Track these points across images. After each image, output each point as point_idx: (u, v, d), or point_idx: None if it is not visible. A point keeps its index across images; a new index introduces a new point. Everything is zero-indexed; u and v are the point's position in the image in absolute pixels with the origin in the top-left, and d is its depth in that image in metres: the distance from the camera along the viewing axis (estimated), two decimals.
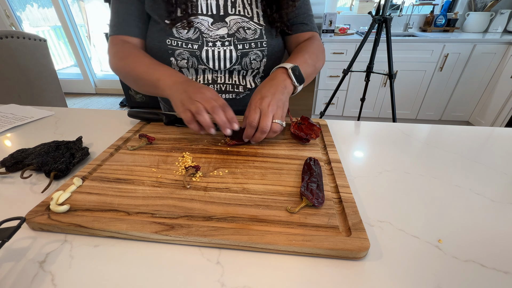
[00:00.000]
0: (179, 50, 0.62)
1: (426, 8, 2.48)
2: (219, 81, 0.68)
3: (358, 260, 0.30)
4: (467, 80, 2.14)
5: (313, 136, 0.51)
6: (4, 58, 1.27)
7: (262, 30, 0.63)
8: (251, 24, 0.62)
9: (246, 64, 0.66)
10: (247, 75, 0.69)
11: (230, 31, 0.62)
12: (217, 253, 0.31)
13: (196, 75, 0.67)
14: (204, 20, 0.61)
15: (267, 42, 0.64)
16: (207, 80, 0.67)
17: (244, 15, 0.62)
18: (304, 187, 0.37)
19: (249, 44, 0.63)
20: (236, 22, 0.62)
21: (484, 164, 0.48)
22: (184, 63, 0.64)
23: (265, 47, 0.65)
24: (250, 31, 0.63)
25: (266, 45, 0.65)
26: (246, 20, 0.62)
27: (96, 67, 3.42)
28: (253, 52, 0.64)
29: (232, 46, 0.63)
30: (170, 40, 0.61)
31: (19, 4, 3.13)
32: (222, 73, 0.67)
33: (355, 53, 1.62)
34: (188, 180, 0.40)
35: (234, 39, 0.62)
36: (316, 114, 2.47)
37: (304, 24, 0.68)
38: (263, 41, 0.64)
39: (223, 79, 0.68)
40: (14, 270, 0.29)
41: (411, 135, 0.58)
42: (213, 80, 0.68)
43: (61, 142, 0.50)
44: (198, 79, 0.67)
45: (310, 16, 0.69)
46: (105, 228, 0.32)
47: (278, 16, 0.62)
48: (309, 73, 0.59)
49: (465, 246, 0.31)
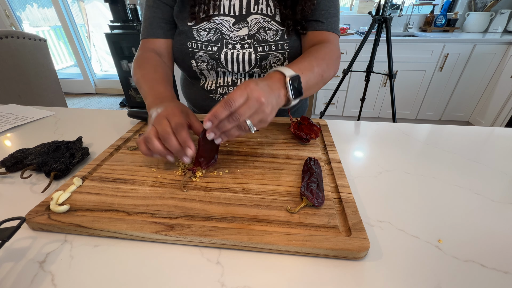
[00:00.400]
0: (199, 53, 0.61)
1: (426, 8, 2.48)
2: (239, 83, 0.67)
3: (358, 260, 0.30)
4: (467, 80, 2.14)
5: (313, 136, 0.51)
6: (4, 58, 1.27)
7: (284, 32, 0.60)
8: (272, 24, 0.60)
9: (266, 67, 0.63)
10: None
11: (251, 31, 0.60)
12: (217, 253, 0.31)
13: (216, 77, 0.67)
14: (225, 21, 0.60)
15: (289, 44, 0.61)
16: (227, 82, 0.67)
17: (266, 14, 0.60)
18: (304, 187, 0.37)
19: (269, 46, 0.61)
20: (257, 21, 0.60)
21: (484, 164, 0.48)
22: (204, 66, 0.63)
23: (287, 50, 0.61)
24: (270, 32, 0.60)
25: (288, 47, 0.61)
26: (268, 19, 0.60)
27: (96, 67, 3.42)
28: (273, 55, 0.61)
29: (251, 48, 0.61)
30: (191, 42, 0.61)
31: (19, 4, 3.13)
32: (242, 76, 0.66)
33: (355, 53, 1.62)
34: (185, 184, 0.40)
35: (254, 40, 0.61)
36: (316, 114, 2.47)
37: (319, 22, 0.59)
38: (284, 43, 0.60)
39: (243, 81, 0.66)
40: (14, 270, 0.29)
41: (411, 135, 0.58)
42: (233, 82, 0.67)
43: (61, 142, 0.50)
44: (219, 81, 0.67)
45: (330, 15, 0.59)
46: (105, 228, 0.32)
47: (291, 13, 0.58)
48: (313, 84, 0.50)
49: (465, 246, 0.31)
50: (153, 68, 0.58)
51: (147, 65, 0.58)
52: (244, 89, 0.37)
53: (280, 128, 0.58)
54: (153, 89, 0.53)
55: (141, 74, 0.56)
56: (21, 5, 3.17)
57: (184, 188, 0.39)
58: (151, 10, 0.62)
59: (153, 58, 0.60)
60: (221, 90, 0.67)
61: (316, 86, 0.52)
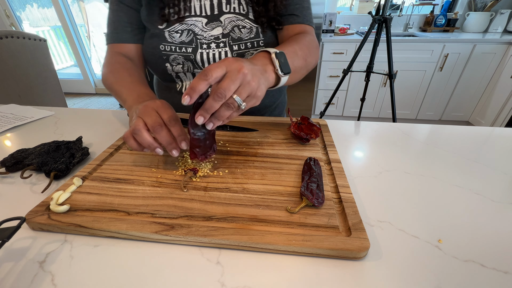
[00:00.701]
0: (174, 55, 0.60)
1: (426, 8, 2.48)
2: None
3: (358, 260, 0.30)
4: (467, 80, 2.14)
5: (313, 136, 0.51)
6: (4, 58, 1.27)
7: (258, 29, 0.60)
8: (246, 22, 0.60)
9: None
10: None
11: (225, 30, 0.60)
12: (217, 253, 0.31)
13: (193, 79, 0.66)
14: (198, 21, 0.59)
15: (264, 41, 0.61)
16: None
17: (239, 13, 0.60)
18: (304, 187, 0.37)
19: (245, 44, 0.60)
20: (231, 20, 0.59)
21: (484, 164, 0.48)
22: (179, 68, 0.62)
23: (262, 46, 0.61)
24: (245, 30, 0.60)
25: (263, 44, 0.61)
26: (241, 18, 0.59)
27: (96, 67, 3.42)
28: (250, 52, 0.61)
29: (227, 47, 0.60)
30: (164, 45, 0.59)
31: (19, 4, 3.13)
32: None
33: (355, 53, 1.62)
34: (185, 184, 0.40)
35: (229, 39, 0.60)
36: (316, 114, 2.47)
37: (295, 16, 0.60)
38: (259, 40, 0.61)
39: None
40: (14, 270, 0.29)
41: (411, 135, 0.58)
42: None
43: (61, 142, 0.50)
44: None
45: (304, 8, 0.61)
46: (105, 228, 0.32)
47: (264, 10, 0.58)
48: (298, 66, 0.49)
49: (465, 246, 0.31)
50: (127, 72, 0.56)
51: (120, 69, 0.57)
52: (221, 62, 0.35)
53: (280, 128, 0.58)
54: (133, 90, 0.51)
55: (115, 78, 0.54)
56: (21, 5, 3.17)
57: (184, 188, 0.39)
58: (115, 14, 0.60)
59: (124, 62, 0.59)
60: None
61: (301, 71, 0.52)
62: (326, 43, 2.13)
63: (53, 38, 3.61)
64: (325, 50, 2.16)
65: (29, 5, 3.23)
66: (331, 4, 2.46)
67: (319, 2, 1.90)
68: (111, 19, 0.61)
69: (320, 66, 2.23)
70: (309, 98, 2.31)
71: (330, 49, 2.15)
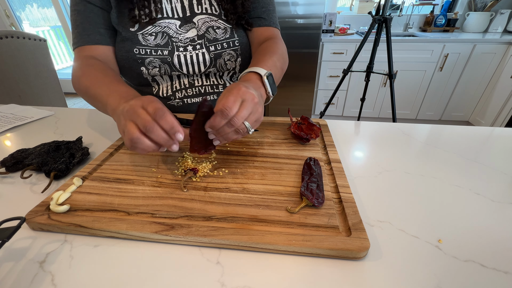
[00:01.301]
0: (149, 58, 0.58)
1: (426, 8, 2.48)
2: (197, 84, 0.65)
3: (358, 260, 0.30)
4: (467, 80, 2.14)
5: (313, 136, 0.51)
6: (4, 58, 1.27)
7: (232, 29, 0.61)
8: (220, 23, 0.60)
9: (221, 65, 0.63)
10: (223, 76, 0.67)
11: (200, 32, 0.60)
12: (217, 253, 0.31)
13: (171, 82, 0.65)
14: (171, 24, 0.58)
15: (239, 41, 0.62)
16: (184, 85, 0.65)
17: (211, 13, 0.60)
18: (304, 187, 0.37)
19: (221, 44, 0.61)
20: (205, 21, 0.59)
21: (484, 164, 0.48)
22: (156, 71, 0.60)
23: (238, 46, 0.62)
24: (220, 31, 0.60)
25: (238, 43, 0.62)
26: (215, 19, 0.60)
27: None
28: (226, 52, 0.62)
29: (204, 48, 0.60)
30: (138, 48, 0.57)
31: (19, 4, 3.13)
32: (198, 76, 0.65)
33: (355, 53, 1.62)
34: (185, 184, 0.40)
35: (205, 40, 0.60)
36: (316, 114, 2.47)
37: (262, 19, 0.63)
38: (234, 40, 0.62)
39: (200, 81, 0.65)
40: (14, 270, 0.29)
41: (411, 135, 0.58)
42: (190, 84, 0.65)
43: (61, 142, 0.50)
44: (174, 85, 0.65)
45: (269, 11, 0.64)
46: (105, 228, 0.32)
47: (231, 7, 0.59)
48: (278, 78, 0.54)
49: (465, 246, 0.31)
50: (102, 73, 0.51)
51: (94, 71, 0.51)
52: (237, 94, 0.36)
53: (280, 128, 0.58)
54: (114, 90, 0.45)
55: (90, 81, 0.49)
56: (21, 5, 3.17)
57: (184, 188, 0.39)
58: (83, 15, 0.55)
59: (98, 64, 0.53)
60: (179, 94, 0.65)
61: (279, 79, 0.56)
62: (326, 43, 2.13)
63: (53, 38, 3.61)
64: (325, 50, 2.16)
65: (29, 5, 3.23)
66: (331, 4, 2.46)
67: (319, 2, 1.90)
68: (79, 20, 0.55)
69: (320, 66, 2.23)
70: (309, 98, 2.31)
71: (330, 49, 2.15)
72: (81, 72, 0.51)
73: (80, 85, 0.51)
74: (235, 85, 0.38)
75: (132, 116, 0.34)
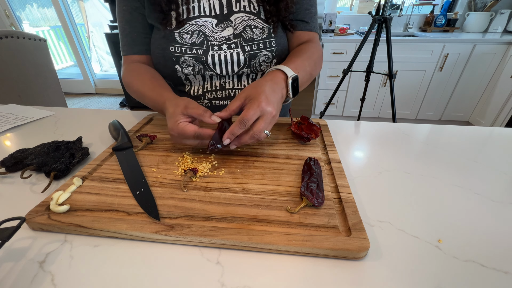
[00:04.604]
0: (184, 57, 0.59)
1: (426, 8, 2.48)
2: (228, 87, 0.65)
3: (358, 260, 0.30)
4: (467, 80, 2.14)
5: (313, 136, 0.51)
6: (4, 58, 1.27)
7: (270, 29, 0.59)
8: (258, 22, 0.58)
9: (255, 66, 0.62)
10: (257, 77, 0.66)
11: (236, 30, 0.59)
12: (217, 253, 0.31)
13: (203, 82, 0.65)
14: (207, 22, 0.58)
15: (276, 42, 0.60)
16: (215, 86, 0.65)
17: (250, 12, 0.58)
18: (304, 187, 0.37)
19: (257, 44, 0.60)
20: (242, 20, 0.58)
21: (484, 164, 0.48)
22: (189, 70, 0.61)
23: (274, 47, 0.61)
24: (257, 30, 0.59)
25: (275, 44, 0.60)
26: (253, 17, 0.58)
27: (96, 67, 3.42)
28: (262, 53, 0.60)
29: (239, 48, 0.59)
30: (174, 47, 0.58)
31: (19, 4, 3.13)
32: (230, 78, 0.64)
33: (355, 53, 1.62)
34: (185, 184, 0.40)
35: (241, 40, 0.59)
36: (316, 114, 2.47)
37: (305, 22, 0.62)
38: (271, 40, 0.60)
39: (231, 84, 0.65)
40: (14, 270, 0.29)
41: (411, 135, 0.58)
42: (221, 86, 0.65)
43: (61, 142, 0.50)
44: (206, 86, 0.65)
45: (312, 14, 0.63)
46: (105, 228, 0.32)
47: (275, 9, 0.58)
48: (304, 82, 0.55)
49: (465, 246, 0.31)
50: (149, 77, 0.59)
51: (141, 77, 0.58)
52: (257, 108, 0.41)
53: (280, 128, 0.58)
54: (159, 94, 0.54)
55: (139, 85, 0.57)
56: (21, 5, 3.17)
57: (184, 188, 0.39)
58: (130, 25, 0.60)
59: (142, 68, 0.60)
60: (209, 95, 0.65)
61: (306, 84, 0.57)
62: (326, 43, 2.13)
63: (53, 38, 3.61)
64: (325, 50, 2.16)
65: (29, 5, 3.24)
66: (331, 4, 2.46)
67: (319, 2, 1.88)
68: (127, 30, 0.60)
69: None
70: (309, 98, 2.31)
71: (330, 49, 2.15)
72: (132, 74, 0.60)
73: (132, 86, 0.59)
74: (256, 94, 0.43)
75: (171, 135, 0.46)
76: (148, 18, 0.59)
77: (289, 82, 0.48)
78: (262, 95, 0.42)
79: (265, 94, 0.43)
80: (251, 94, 0.43)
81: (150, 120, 0.63)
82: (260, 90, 0.43)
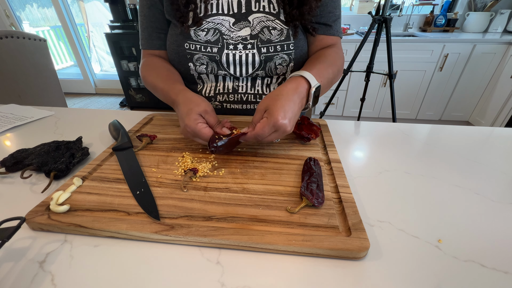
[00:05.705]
0: (198, 55, 0.58)
1: (426, 8, 2.48)
2: (241, 91, 0.63)
3: (358, 260, 0.30)
4: (467, 80, 2.14)
5: (313, 136, 0.51)
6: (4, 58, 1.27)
7: (289, 31, 0.57)
8: (277, 24, 0.56)
9: (271, 69, 0.60)
10: (271, 83, 0.64)
11: (254, 31, 0.57)
12: (217, 253, 0.31)
13: (216, 82, 0.63)
14: (224, 21, 0.56)
15: (295, 45, 0.58)
16: (227, 89, 0.63)
17: (269, 12, 0.56)
18: (304, 187, 0.37)
19: (274, 47, 0.57)
20: (260, 20, 0.56)
21: (484, 164, 0.48)
22: (203, 69, 0.60)
23: (292, 50, 0.58)
24: (275, 32, 0.56)
25: (293, 47, 0.58)
26: (272, 18, 0.56)
27: (96, 67, 3.42)
28: (279, 56, 0.58)
29: (255, 49, 0.57)
30: (189, 44, 0.57)
31: (19, 4, 3.13)
32: (244, 81, 0.63)
33: (355, 53, 1.62)
34: (185, 184, 0.40)
35: (258, 41, 0.57)
36: (316, 114, 2.47)
37: (328, 26, 0.59)
38: (290, 43, 0.57)
39: (244, 88, 0.63)
40: (14, 270, 0.29)
41: (411, 135, 0.58)
42: (234, 90, 0.63)
43: (61, 142, 0.50)
44: (218, 87, 0.64)
45: (336, 17, 0.59)
46: (105, 228, 0.32)
47: (298, 13, 0.54)
48: (324, 89, 0.53)
49: (465, 246, 0.31)
50: (165, 71, 0.60)
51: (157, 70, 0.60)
52: (273, 126, 0.42)
53: None
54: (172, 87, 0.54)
55: (154, 77, 0.58)
56: (21, 5, 3.17)
57: (184, 188, 0.39)
58: (147, 20, 0.60)
59: (160, 62, 0.62)
60: (220, 98, 0.64)
61: (325, 91, 0.54)
62: None
63: (53, 38, 3.61)
64: None
65: (29, 5, 3.24)
66: None
67: None
68: (144, 24, 0.61)
69: None
70: None
71: None
72: (149, 67, 0.61)
73: (148, 78, 0.59)
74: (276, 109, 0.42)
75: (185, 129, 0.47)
76: (166, 14, 0.59)
77: (311, 92, 0.46)
78: (281, 110, 0.41)
79: (284, 109, 0.42)
80: (270, 106, 0.42)
81: (150, 120, 0.63)
82: (279, 103, 0.42)
